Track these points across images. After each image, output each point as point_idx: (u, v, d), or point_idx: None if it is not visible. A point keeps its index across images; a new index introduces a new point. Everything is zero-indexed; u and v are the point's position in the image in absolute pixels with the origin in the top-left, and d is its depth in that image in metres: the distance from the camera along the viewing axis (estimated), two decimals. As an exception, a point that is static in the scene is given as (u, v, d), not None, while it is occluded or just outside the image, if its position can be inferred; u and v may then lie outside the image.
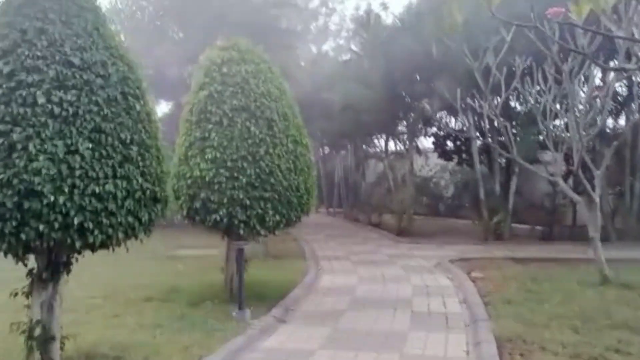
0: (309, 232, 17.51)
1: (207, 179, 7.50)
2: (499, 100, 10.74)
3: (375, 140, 23.06)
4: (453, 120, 18.02)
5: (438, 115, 17.83)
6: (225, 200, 7.46)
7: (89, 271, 10.93)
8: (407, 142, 18.69)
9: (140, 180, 4.48)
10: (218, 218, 7.51)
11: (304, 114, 18.45)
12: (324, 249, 13.85)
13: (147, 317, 7.48)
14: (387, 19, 17.19)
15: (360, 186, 23.01)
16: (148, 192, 4.57)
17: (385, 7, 17.43)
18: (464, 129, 16.11)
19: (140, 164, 4.51)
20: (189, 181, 7.62)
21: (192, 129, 7.84)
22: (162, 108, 21.81)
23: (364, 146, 23.82)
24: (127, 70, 4.66)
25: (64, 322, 7.62)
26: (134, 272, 10.95)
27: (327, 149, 29.01)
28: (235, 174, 7.49)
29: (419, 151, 20.76)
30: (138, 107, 4.60)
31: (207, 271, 10.11)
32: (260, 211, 7.58)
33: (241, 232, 7.60)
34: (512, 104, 15.89)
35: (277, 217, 7.74)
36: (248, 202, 7.49)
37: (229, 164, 7.51)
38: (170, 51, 16.26)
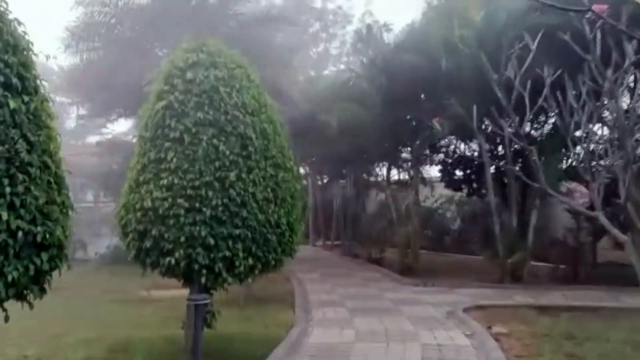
0: (302, 270, 15.76)
1: (160, 211, 5.85)
2: (516, 120, 9.18)
3: (377, 169, 21.43)
4: (462, 145, 16.45)
5: (445, 141, 16.31)
6: (182, 239, 5.80)
7: (37, 317, 9.23)
8: (412, 171, 17.05)
9: (6, 215, 2.84)
10: (173, 262, 5.84)
11: (298, 138, 16.93)
12: (318, 292, 12.09)
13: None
14: (390, 39, 15.77)
15: (360, 218, 21.27)
16: (21, 234, 2.92)
17: (388, 28, 15.93)
18: (475, 154, 14.52)
19: (8, 190, 2.87)
20: (139, 214, 5.97)
21: (146, 149, 6.23)
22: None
23: (364, 175, 22.19)
24: (-1, 49, 3.06)
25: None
26: (89, 319, 9.24)
27: (326, 178, 27.41)
28: (197, 205, 5.85)
29: (424, 181, 19.13)
30: (13, 104, 2.99)
31: (175, 320, 8.39)
32: (228, 253, 5.90)
33: (203, 280, 5.92)
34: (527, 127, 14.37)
35: (250, 261, 6.06)
36: (212, 242, 5.82)
37: (189, 192, 5.87)
38: (153, 68, 14.75)
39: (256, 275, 6.38)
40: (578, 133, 8.66)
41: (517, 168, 14.07)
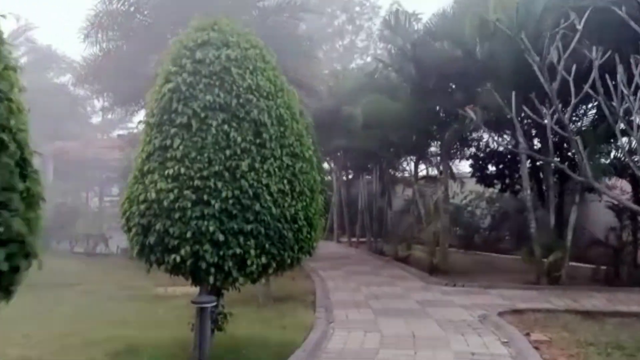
0: (325, 267, 15.21)
1: (165, 203, 5.33)
2: (559, 108, 8.38)
3: (404, 163, 20.72)
4: (496, 138, 15.57)
5: (477, 134, 15.50)
6: (189, 234, 5.27)
7: (46, 315, 8.89)
8: (441, 166, 16.30)
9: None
10: (179, 259, 5.31)
11: (323, 132, 16.29)
12: (341, 290, 11.49)
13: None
14: (419, 27, 14.98)
15: (386, 214, 20.58)
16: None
17: (417, 18, 15.15)
18: (510, 147, 13.63)
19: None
20: (142, 206, 5.46)
21: (152, 135, 5.72)
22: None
23: (390, 170, 21.44)
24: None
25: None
26: (100, 318, 8.80)
27: (351, 174, 26.75)
28: (205, 198, 5.32)
29: (453, 176, 18.32)
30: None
31: (189, 320, 7.91)
32: (238, 250, 5.35)
33: (211, 279, 5.38)
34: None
35: (264, 259, 5.50)
36: (221, 238, 5.28)
37: (196, 182, 5.34)
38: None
39: (270, 274, 5.82)
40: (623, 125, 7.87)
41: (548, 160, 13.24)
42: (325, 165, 29.21)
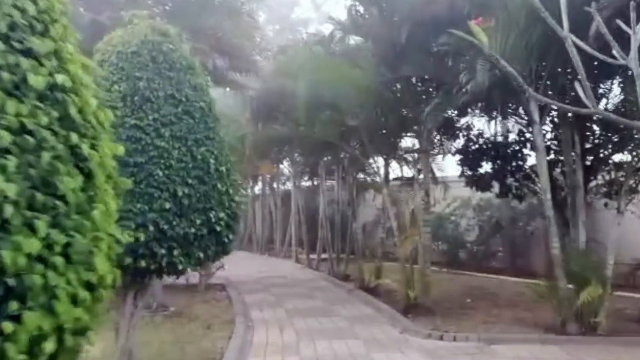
0: (264, 301, 11.20)
1: None
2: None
3: (372, 163, 16.71)
4: (490, 126, 11.81)
5: (468, 120, 11.71)
6: None
7: None
8: (419, 163, 12.35)
9: None
10: None
11: (268, 120, 12.29)
12: (269, 350, 7.44)
13: None
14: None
15: (351, 228, 16.47)
16: None
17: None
18: (513, 136, 9.83)
19: None
20: None
21: None
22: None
23: (358, 174, 17.37)
24: None
25: None
26: None
27: (315, 180, 22.68)
28: None
29: (435, 179, 14.46)
30: None
31: None
32: None
33: None
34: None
35: None
36: None
37: None
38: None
39: None
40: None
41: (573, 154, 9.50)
42: (286, 172, 25.11)
